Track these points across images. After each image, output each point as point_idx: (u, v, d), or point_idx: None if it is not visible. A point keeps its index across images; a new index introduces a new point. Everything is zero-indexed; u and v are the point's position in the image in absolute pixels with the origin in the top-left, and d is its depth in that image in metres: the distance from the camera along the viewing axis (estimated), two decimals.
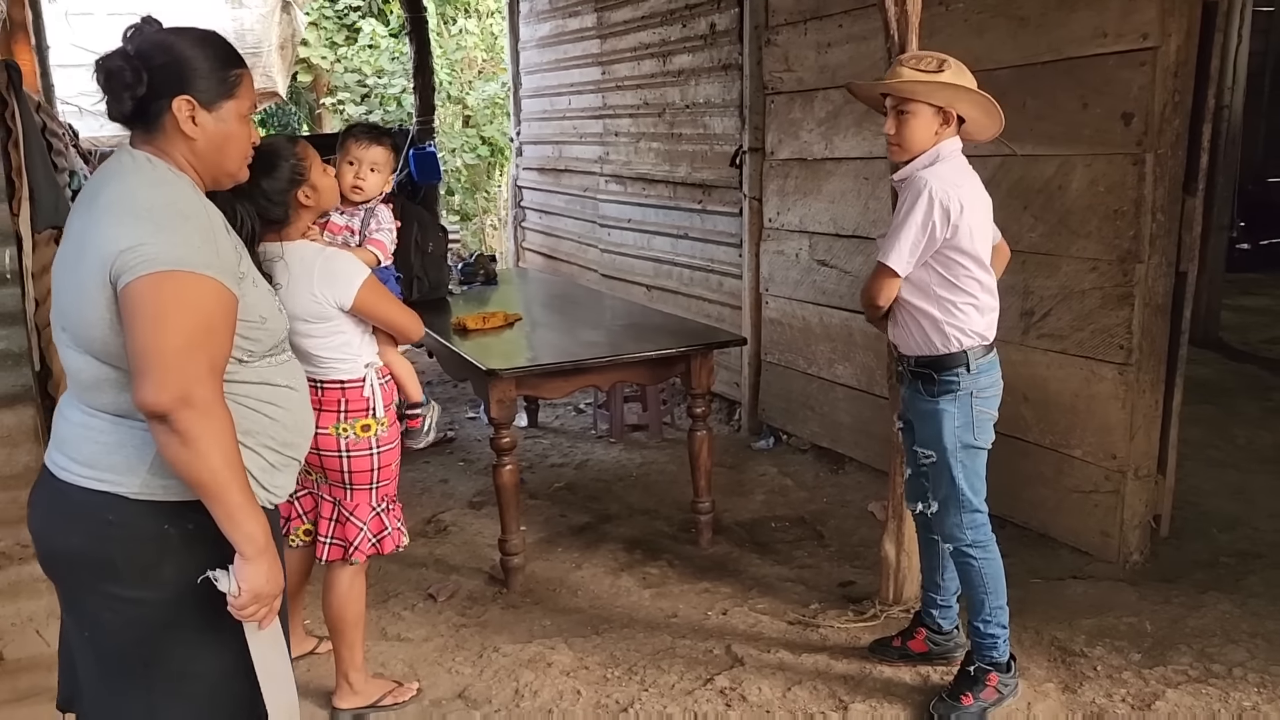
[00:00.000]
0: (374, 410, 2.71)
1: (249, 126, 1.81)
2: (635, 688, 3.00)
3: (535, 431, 5.65)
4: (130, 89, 1.67)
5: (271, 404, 1.80)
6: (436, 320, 4.40)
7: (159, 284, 1.57)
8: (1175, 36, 3.25)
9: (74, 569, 1.74)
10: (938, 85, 2.61)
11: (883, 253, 2.69)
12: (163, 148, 1.72)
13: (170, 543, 1.68)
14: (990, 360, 2.78)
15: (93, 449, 1.69)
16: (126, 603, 1.70)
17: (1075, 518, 3.71)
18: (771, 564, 3.86)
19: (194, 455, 1.57)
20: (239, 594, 1.65)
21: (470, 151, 11.48)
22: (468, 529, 4.30)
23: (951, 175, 2.67)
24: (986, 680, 2.80)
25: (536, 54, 7.81)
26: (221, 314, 1.64)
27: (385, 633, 3.38)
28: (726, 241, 5.52)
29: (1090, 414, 3.60)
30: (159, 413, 1.56)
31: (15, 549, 2.47)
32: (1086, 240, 3.54)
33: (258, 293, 1.78)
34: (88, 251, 1.61)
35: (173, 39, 1.72)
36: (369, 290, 2.63)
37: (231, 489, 1.61)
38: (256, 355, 1.78)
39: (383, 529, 2.81)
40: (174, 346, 1.56)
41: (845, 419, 4.78)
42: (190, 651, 1.73)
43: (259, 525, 1.65)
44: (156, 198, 1.65)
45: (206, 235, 1.66)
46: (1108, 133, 3.42)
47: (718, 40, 5.42)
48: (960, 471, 2.76)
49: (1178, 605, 3.30)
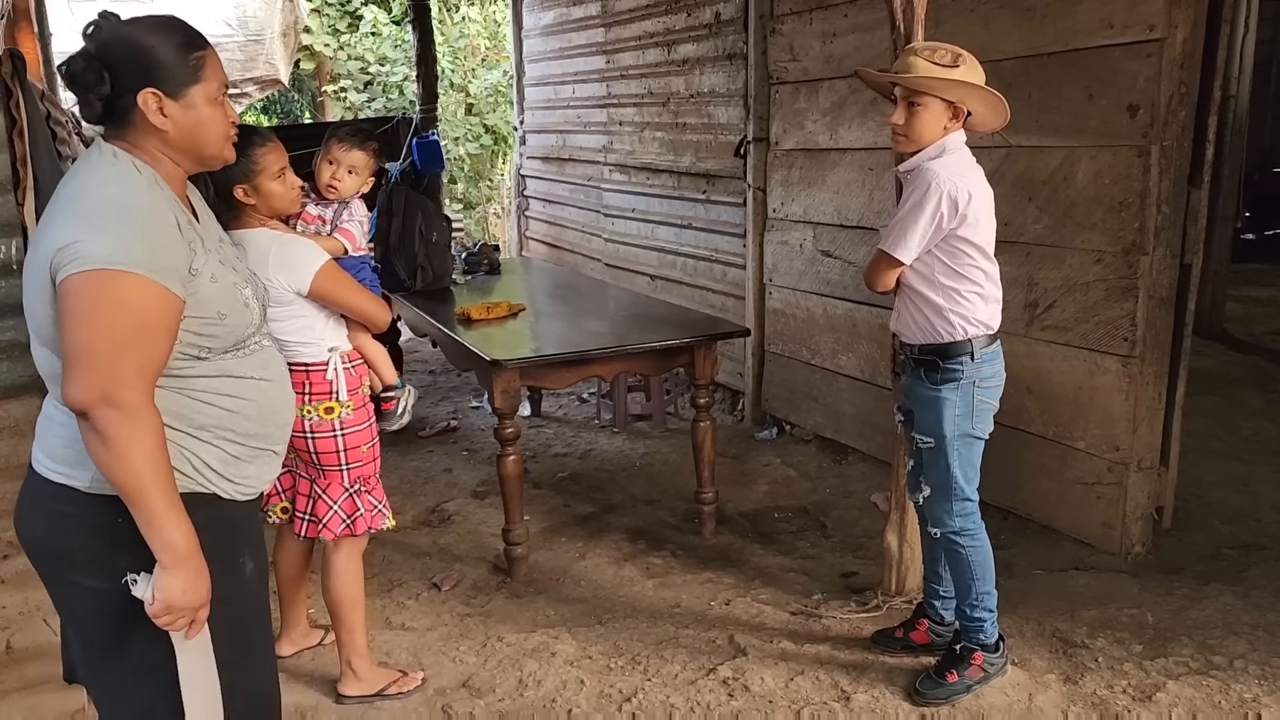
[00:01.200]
0: (337, 394, 2.75)
1: (222, 107, 1.78)
2: (639, 677, 3.01)
3: (539, 421, 5.66)
4: (95, 90, 1.66)
5: (231, 396, 1.79)
6: (440, 310, 4.42)
7: (88, 282, 1.56)
8: (1182, 28, 3.24)
9: (43, 558, 1.78)
10: (953, 82, 2.61)
11: (888, 241, 2.71)
12: (134, 141, 1.71)
13: (123, 536, 1.66)
14: (994, 350, 2.80)
15: (54, 441, 1.73)
16: (88, 592, 1.73)
17: (1078, 509, 3.71)
18: (774, 554, 3.87)
19: (114, 456, 1.58)
20: (153, 602, 1.63)
21: (473, 140, 11.46)
22: (471, 518, 4.32)
23: (958, 167, 2.69)
24: (972, 659, 2.84)
25: (540, 42, 7.79)
26: (156, 315, 1.62)
27: (390, 622, 3.39)
28: (730, 232, 5.52)
29: (1094, 406, 3.61)
30: (80, 410, 1.57)
31: None
32: (1091, 232, 3.54)
33: (216, 288, 1.75)
34: (38, 248, 1.64)
35: (129, 31, 1.69)
36: (326, 276, 2.65)
37: (151, 493, 1.60)
38: (216, 351, 1.76)
39: (355, 510, 2.83)
40: (99, 345, 1.57)
41: (849, 410, 4.78)
42: (150, 642, 1.71)
43: (180, 533, 1.63)
44: (104, 194, 1.64)
45: (147, 235, 1.63)
46: (1113, 124, 3.42)
47: (722, 29, 5.41)
48: (956, 459, 2.79)
49: (1179, 597, 3.31)
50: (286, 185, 2.67)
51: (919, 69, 2.64)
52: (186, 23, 1.77)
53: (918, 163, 2.72)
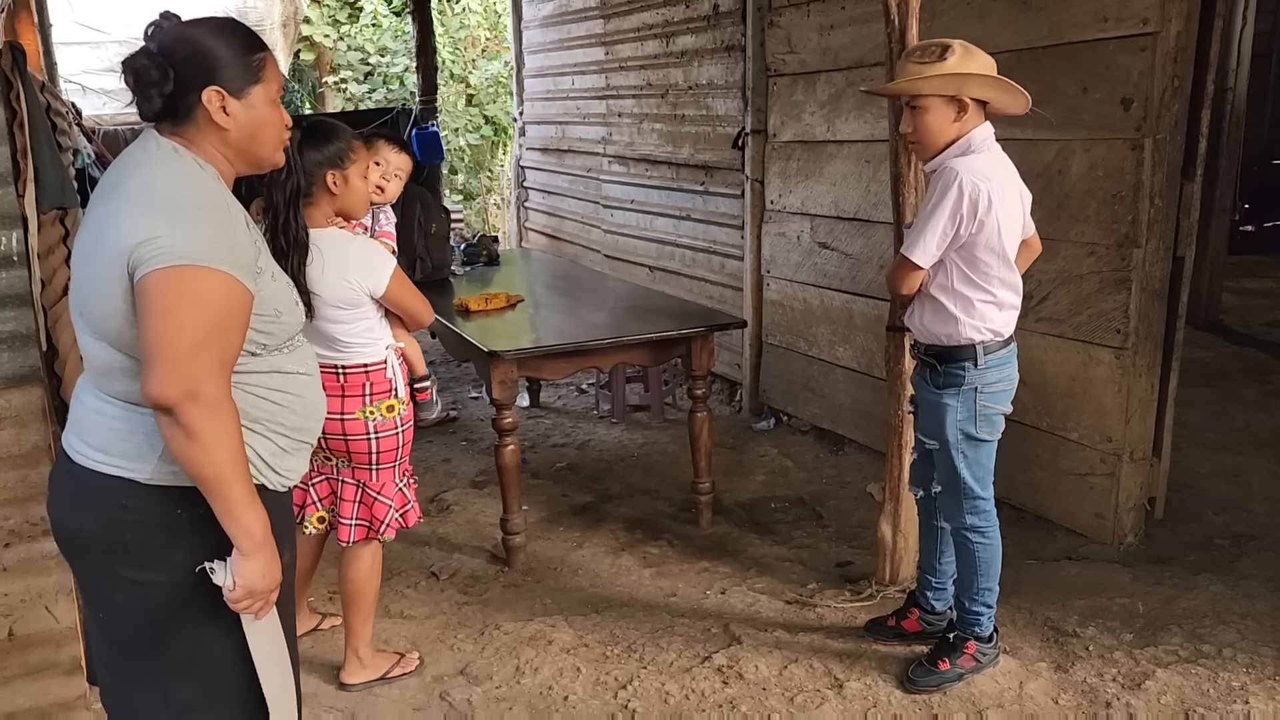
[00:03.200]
0: (396, 390, 2.80)
1: (279, 110, 1.81)
2: (634, 665, 3.05)
3: (537, 411, 5.69)
4: (158, 86, 1.67)
5: (282, 391, 1.81)
6: (440, 301, 4.42)
7: (174, 278, 1.57)
8: (1175, 22, 3.25)
9: (87, 551, 1.76)
10: (940, 77, 2.58)
11: (907, 245, 2.66)
12: (192, 139, 1.72)
13: (182, 527, 1.69)
14: (1002, 356, 2.75)
15: (106, 435, 1.71)
16: (137, 585, 1.72)
17: (1071, 500, 3.74)
18: (770, 544, 3.90)
19: (198, 449, 1.58)
20: (233, 588, 1.67)
21: (473, 131, 11.47)
22: (470, 508, 4.35)
23: (984, 167, 2.62)
24: (965, 648, 2.87)
25: (540, 33, 7.80)
26: (235, 310, 1.64)
27: (389, 610, 3.42)
28: (728, 223, 5.54)
29: (1087, 397, 3.63)
30: (165, 406, 1.57)
31: (24, 526, 2.50)
32: (1085, 225, 3.56)
33: (275, 286, 1.78)
34: (106, 241, 1.62)
35: (193, 31, 1.71)
36: (398, 278, 2.74)
37: (233, 484, 1.62)
38: (269, 348, 1.78)
39: (406, 502, 2.91)
40: (184, 341, 1.57)
41: (845, 400, 4.81)
42: (199, 634, 1.75)
43: (258, 520, 1.66)
44: (177, 189, 1.65)
45: (225, 229, 1.66)
46: (1107, 117, 3.43)
47: (720, 21, 5.42)
48: (962, 461, 2.79)
49: (1170, 586, 3.34)
50: (367, 184, 2.73)
51: (908, 72, 2.64)
52: (245, 25, 1.80)
53: (942, 161, 2.67)
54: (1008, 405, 2.81)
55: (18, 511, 2.48)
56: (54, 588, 2.56)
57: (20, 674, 2.55)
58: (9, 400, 2.43)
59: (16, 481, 2.47)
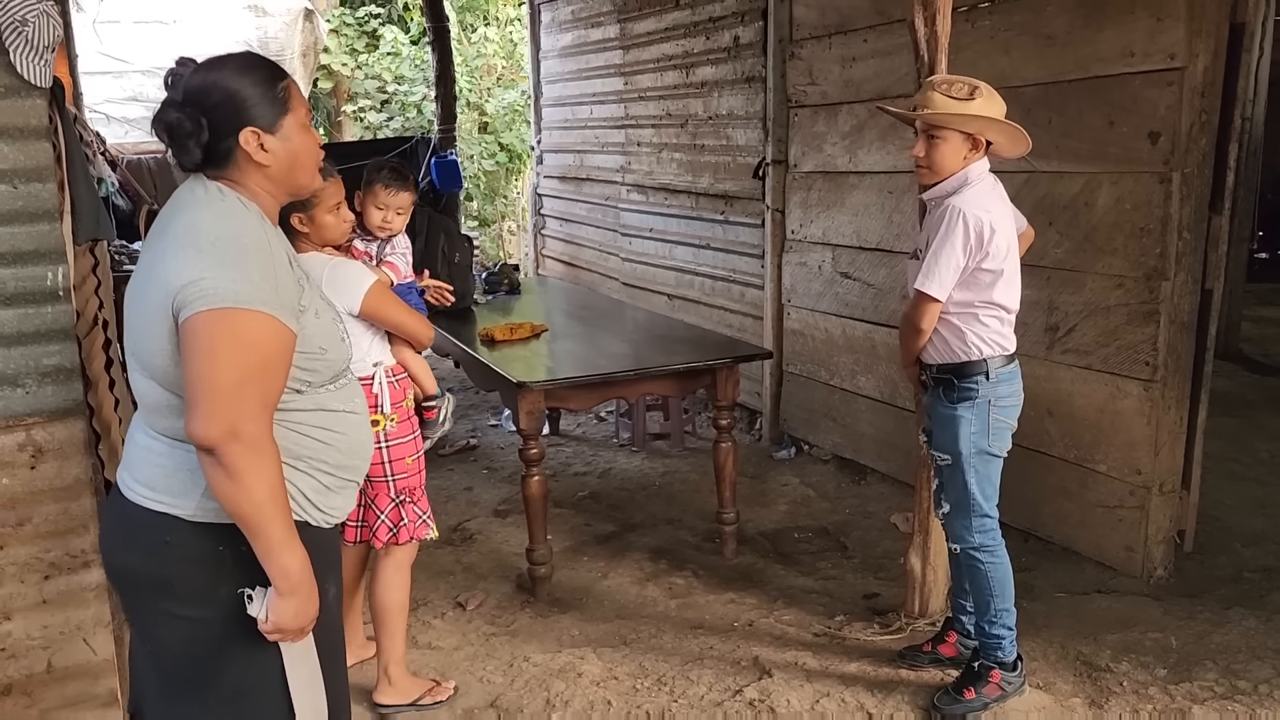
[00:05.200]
0: (381, 407, 2.84)
1: (312, 134, 1.82)
2: (665, 698, 3.04)
3: (558, 439, 5.70)
4: (194, 138, 1.69)
5: (326, 429, 1.82)
6: (463, 330, 4.46)
7: (217, 320, 1.59)
8: (1203, 57, 3.28)
9: (135, 586, 1.78)
10: (969, 116, 2.67)
11: (922, 280, 2.74)
12: (235, 179, 1.75)
13: (225, 564, 1.70)
14: (1010, 370, 2.85)
15: (152, 471, 1.73)
16: (182, 621, 1.74)
17: (1099, 532, 3.73)
18: (796, 575, 3.89)
19: (238, 489, 1.60)
20: (265, 620, 1.68)
21: (489, 158, 11.54)
22: (494, 537, 4.35)
23: (983, 200, 2.75)
24: (989, 676, 2.88)
25: (558, 63, 7.86)
26: (277, 351, 1.66)
27: (416, 641, 3.42)
28: (748, 252, 5.56)
29: (1115, 429, 3.63)
30: (207, 446, 1.58)
31: (64, 559, 2.51)
32: (1112, 257, 3.57)
33: (319, 324, 1.79)
34: (154, 282, 1.65)
35: (216, 75, 1.72)
36: (375, 297, 2.75)
37: (273, 524, 1.63)
38: (314, 385, 1.79)
39: (400, 520, 2.91)
40: (226, 382, 1.58)
41: (867, 430, 4.81)
42: (243, 669, 1.75)
43: (295, 561, 1.67)
44: (221, 231, 1.67)
45: (267, 270, 1.67)
46: (1134, 151, 3.45)
47: (741, 53, 5.46)
48: (973, 476, 2.84)
49: (1202, 621, 3.33)
50: (340, 218, 2.76)
51: (936, 104, 2.71)
52: (263, 57, 1.82)
53: (941, 194, 2.79)
54: (1015, 421, 2.88)
55: (58, 544, 2.50)
56: (92, 620, 2.57)
57: (58, 706, 2.56)
58: (51, 433, 2.46)
59: (58, 514, 2.49)
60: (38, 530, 2.47)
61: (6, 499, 2.44)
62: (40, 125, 2.38)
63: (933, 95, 2.74)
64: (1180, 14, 3.27)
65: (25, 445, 2.43)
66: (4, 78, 2.30)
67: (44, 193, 2.41)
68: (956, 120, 2.69)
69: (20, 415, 2.43)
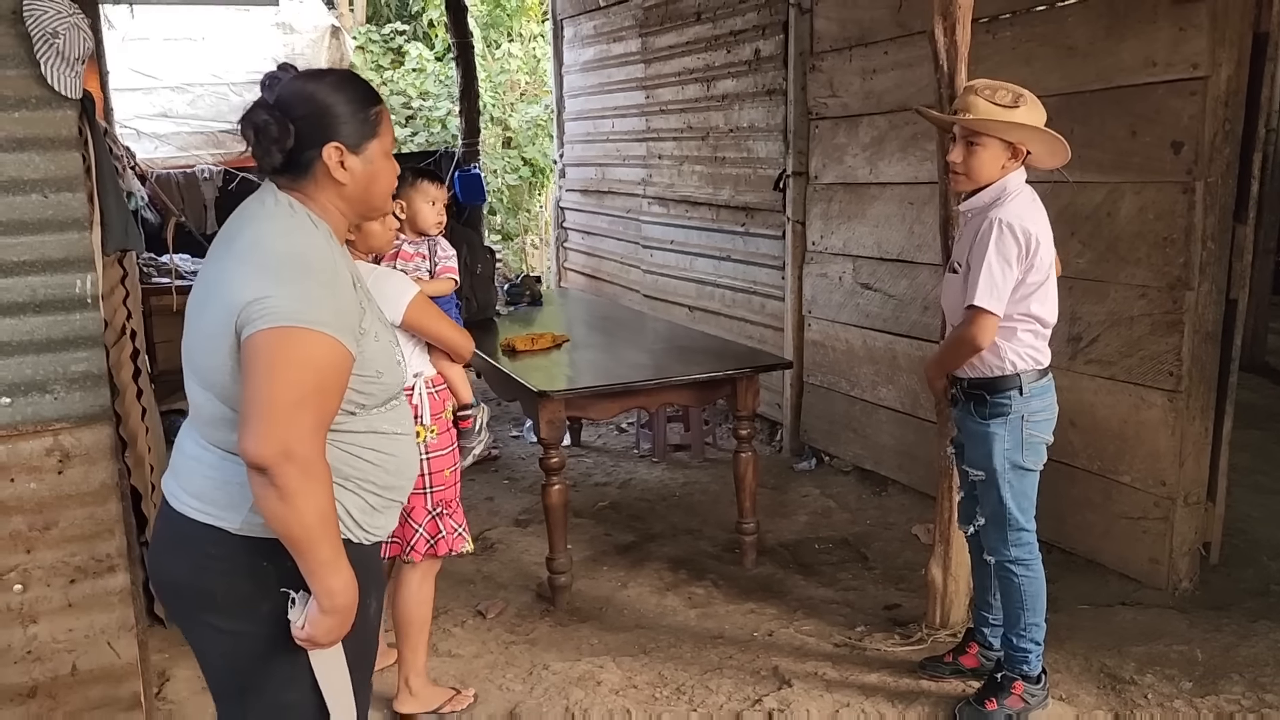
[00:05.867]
0: (421, 418, 2.85)
1: (391, 162, 1.83)
2: (684, 708, 3.03)
3: (578, 450, 5.71)
4: (279, 143, 1.70)
5: (376, 450, 1.80)
6: (485, 340, 4.48)
7: (278, 339, 1.58)
8: (1226, 66, 3.26)
9: (179, 597, 1.79)
10: (1013, 124, 2.64)
11: (980, 296, 2.65)
12: (309, 193, 1.75)
13: (268, 579, 1.69)
14: (1044, 385, 2.80)
15: (201, 482, 1.73)
16: (223, 634, 1.75)
17: (1124, 544, 3.70)
18: (816, 585, 3.88)
19: (289, 510, 1.57)
20: (301, 628, 1.68)
21: (512, 172, 11.62)
22: (514, 546, 4.36)
23: (1025, 211, 2.70)
24: (1012, 688, 2.85)
25: (580, 78, 7.92)
26: (334, 372, 1.64)
27: (436, 649, 3.43)
28: (769, 264, 5.57)
29: (1139, 440, 3.60)
30: (259, 465, 1.56)
31: (90, 563, 2.55)
32: (1135, 267, 3.55)
33: (377, 347, 1.77)
34: (217, 296, 1.65)
35: (313, 86, 1.73)
36: (416, 308, 2.76)
37: (321, 545, 1.62)
38: (367, 408, 1.78)
39: (438, 532, 2.92)
40: (283, 401, 1.57)
41: (888, 441, 4.79)
42: (283, 682, 1.76)
43: (341, 582, 1.65)
44: (287, 248, 1.67)
45: (330, 290, 1.66)
46: (1157, 161, 3.44)
47: (762, 66, 5.48)
48: (1008, 491, 2.81)
49: (1229, 634, 3.29)
50: (386, 226, 2.79)
51: (979, 109, 2.67)
52: (361, 78, 1.83)
53: (981, 205, 2.73)
54: (1050, 434, 2.84)
55: (84, 548, 2.54)
56: (116, 624, 2.60)
57: (82, 708, 2.59)
58: (79, 439, 2.49)
59: (84, 519, 2.52)
60: (64, 534, 2.51)
61: (34, 503, 2.47)
62: (70, 136, 2.42)
63: (975, 100, 2.69)
64: (1203, 24, 3.26)
65: (53, 450, 2.47)
66: (35, 89, 2.34)
67: (73, 202, 2.45)
68: (999, 128, 2.65)
69: (48, 420, 2.47)
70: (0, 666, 2.50)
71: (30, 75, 2.32)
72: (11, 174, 2.36)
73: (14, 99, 2.33)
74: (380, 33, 12.09)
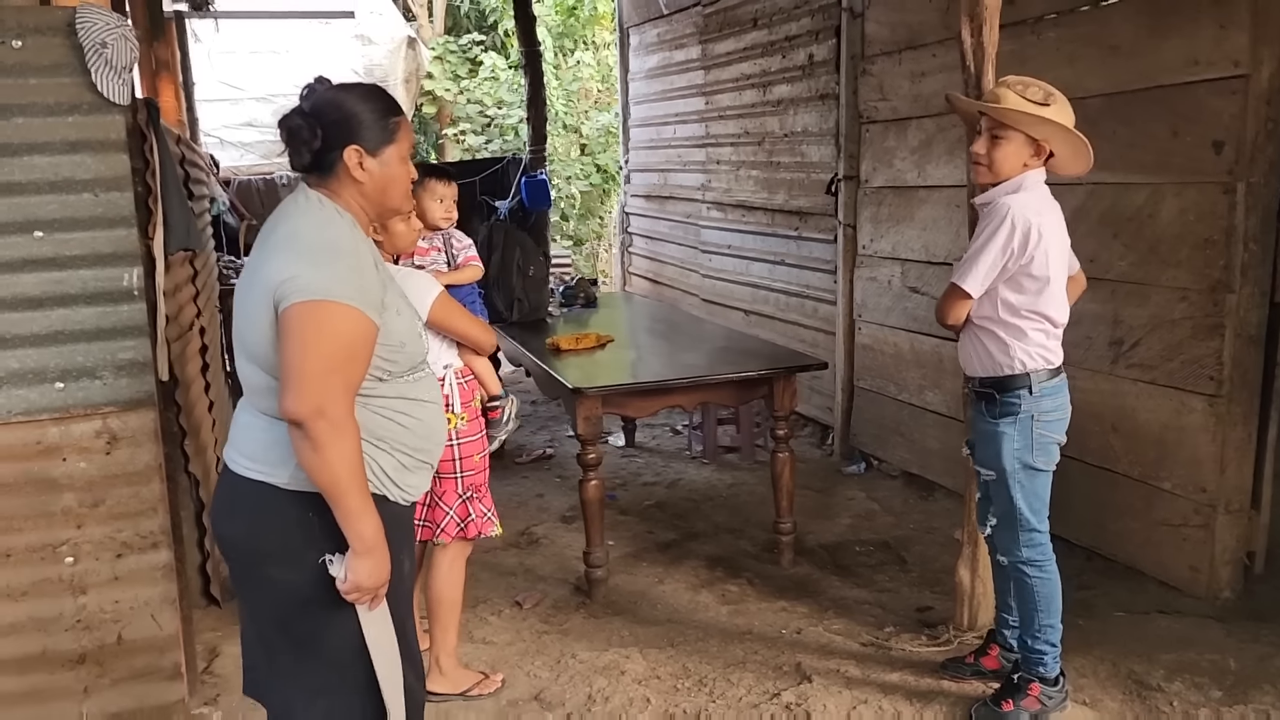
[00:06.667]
0: (452, 406, 2.99)
1: (408, 166, 2.05)
2: (704, 698, 3.09)
3: (631, 451, 5.80)
4: (308, 143, 1.93)
5: (406, 414, 2.00)
6: (534, 340, 4.61)
7: (310, 311, 1.80)
8: (1268, 64, 3.20)
9: (237, 552, 2.00)
10: (1040, 119, 2.64)
11: (958, 274, 2.75)
12: (334, 190, 1.97)
13: (313, 529, 1.89)
14: (1055, 384, 2.80)
15: (254, 445, 1.94)
16: (276, 584, 1.94)
17: (1164, 551, 3.63)
18: (851, 586, 3.89)
19: (322, 461, 1.79)
20: (344, 580, 1.87)
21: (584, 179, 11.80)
22: (558, 541, 4.46)
23: (1034, 204, 2.71)
24: (1029, 690, 2.84)
25: (645, 85, 8.03)
26: (360, 340, 1.85)
27: (472, 636, 3.55)
28: (821, 268, 5.58)
29: (1180, 446, 3.54)
30: (296, 420, 1.78)
31: (135, 539, 2.72)
32: (1177, 269, 3.49)
33: (400, 321, 1.98)
34: (260, 279, 1.87)
35: (341, 96, 1.97)
36: (441, 306, 2.90)
37: (351, 493, 1.82)
38: (394, 375, 1.98)
39: (468, 515, 3.05)
40: (315, 366, 1.79)
41: (935, 445, 4.77)
42: (326, 626, 1.95)
43: (370, 526, 1.85)
44: (318, 236, 1.89)
45: (355, 270, 1.87)
46: (1199, 161, 3.38)
47: (815, 70, 5.51)
48: (1019, 491, 2.80)
49: (1266, 644, 3.21)
50: (411, 228, 2.94)
51: (1009, 101, 2.67)
52: (386, 92, 2.07)
53: (993, 196, 2.76)
54: (1062, 435, 2.83)
55: (130, 525, 2.71)
56: (160, 598, 2.77)
57: (127, 677, 2.77)
58: (125, 422, 2.67)
59: (130, 497, 2.70)
60: (111, 511, 2.69)
61: (84, 482, 2.66)
62: (119, 139, 2.60)
63: (1005, 93, 2.70)
64: (1244, 21, 3.21)
65: (101, 432, 2.65)
66: (87, 95, 2.53)
67: (121, 200, 2.62)
68: (1025, 121, 2.66)
69: (98, 405, 2.65)
70: (53, 634, 2.69)
71: (82, 83, 2.51)
72: (66, 174, 2.55)
73: (67, 104, 2.53)
74: (458, 43, 12.41)
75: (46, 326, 2.61)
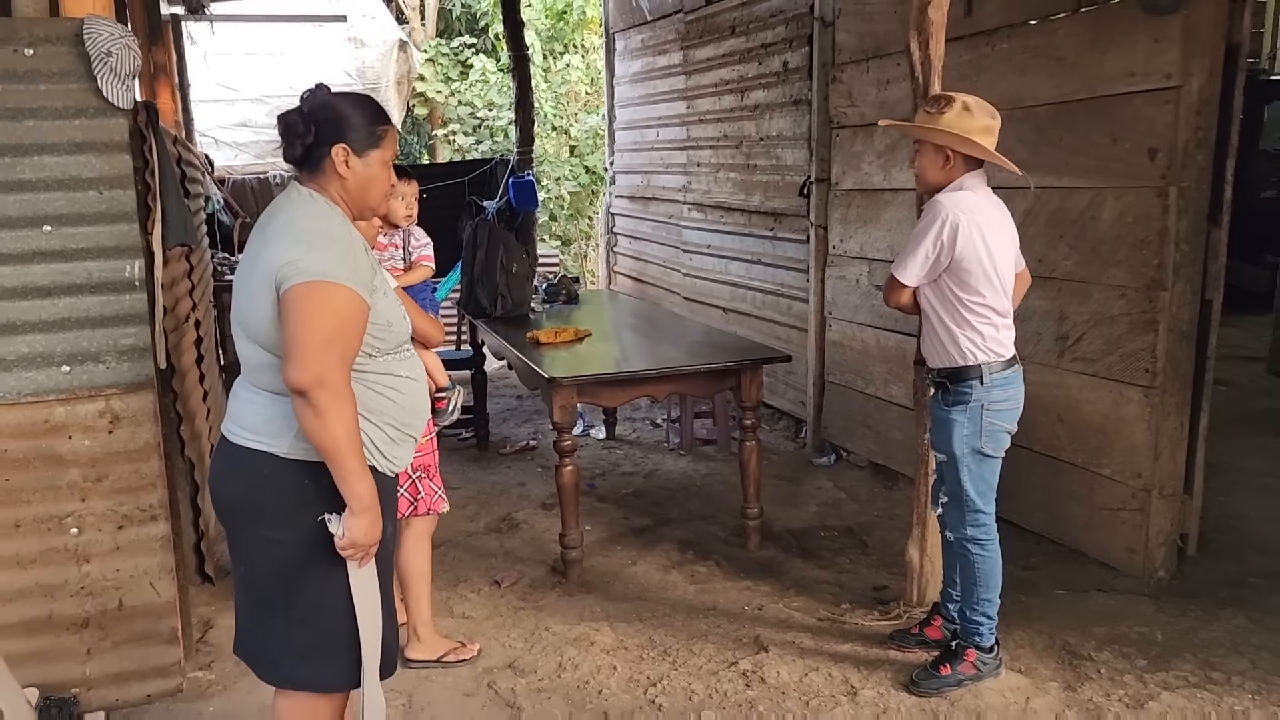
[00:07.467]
0: None
1: (389, 171, 2.25)
2: (666, 666, 3.30)
3: (612, 443, 6.01)
4: (301, 138, 2.13)
5: (393, 390, 2.20)
6: (515, 334, 4.81)
7: (309, 290, 1.98)
8: (1198, 76, 3.42)
9: (235, 512, 2.18)
10: (932, 129, 2.89)
11: (895, 264, 3.02)
12: (322, 185, 2.17)
13: (309, 494, 2.08)
14: (1007, 375, 3.00)
15: (254, 418, 2.13)
16: (271, 543, 2.12)
17: (1104, 534, 3.85)
18: (813, 568, 4.11)
19: (322, 426, 1.98)
20: (342, 537, 2.07)
21: (573, 180, 12.00)
22: (537, 526, 4.67)
23: (971, 202, 2.94)
24: (965, 655, 3.07)
25: (629, 89, 8.24)
26: (354, 317, 2.04)
27: (452, 611, 3.76)
28: (795, 267, 5.80)
29: (1119, 434, 3.76)
30: (300, 389, 1.96)
31: (135, 512, 2.92)
32: (1116, 268, 3.71)
33: (386, 302, 2.18)
34: (259, 265, 2.06)
35: (336, 101, 2.17)
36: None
37: (349, 456, 2.01)
38: (382, 351, 2.17)
39: (417, 493, 3.26)
40: (315, 340, 1.97)
41: (899, 436, 4.98)
42: (319, 586, 2.14)
43: (366, 488, 2.04)
44: (312, 225, 2.09)
45: (348, 254, 2.07)
46: (1135, 167, 3.60)
47: (790, 77, 5.73)
48: (967, 475, 3.01)
49: (1192, 619, 3.43)
50: (371, 224, 3.12)
51: (918, 118, 2.94)
52: (378, 103, 2.28)
53: (936, 196, 2.99)
54: (1013, 424, 3.04)
55: (130, 499, 2.91)
56: (158, 567, 2.98)
57: (127, 640, 2.97)
58: (126, 403, 2.87)
59: (130, 473, 2.90)
60: (113, 486, 2.89)
61: (88, 458, 2.86)
62: (122, 141, 2.80)
63: (919, 111, 2.99)
64: (1176, 36, 3.43)
65: (104, 413, 2.85)
66: (92, 100, 2.73)
67: (124, 198, 2.82)
68: (919, 132, 2.95)
69: (101, 387, 2.85)
70: (58, 599, 2.90)
71: (88, 89, 2.72)
72: (72, 173, 2.76)
73: (75, 109, 2.73)
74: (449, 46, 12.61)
75: (54, 314, 2.80)
